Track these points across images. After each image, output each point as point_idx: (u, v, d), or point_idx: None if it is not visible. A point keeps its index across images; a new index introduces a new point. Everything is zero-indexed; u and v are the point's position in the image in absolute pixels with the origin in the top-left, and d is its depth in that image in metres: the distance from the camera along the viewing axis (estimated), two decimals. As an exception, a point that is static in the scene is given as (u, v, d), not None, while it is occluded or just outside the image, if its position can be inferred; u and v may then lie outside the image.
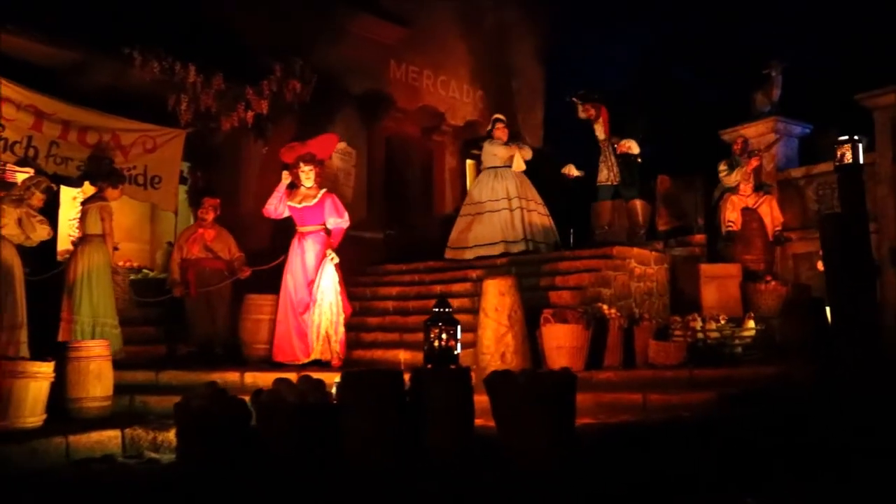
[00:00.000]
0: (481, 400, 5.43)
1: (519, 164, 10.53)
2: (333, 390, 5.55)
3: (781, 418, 6.40)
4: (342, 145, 10.97)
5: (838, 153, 8.16)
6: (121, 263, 10.14)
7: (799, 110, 11.38)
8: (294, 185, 8.20)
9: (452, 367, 5.45)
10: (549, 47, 13.99)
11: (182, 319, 8.71)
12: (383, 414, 5.16)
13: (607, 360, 7.72)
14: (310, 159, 8.09)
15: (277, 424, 5.26)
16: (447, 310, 5.47)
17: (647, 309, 9.08)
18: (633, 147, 10.44)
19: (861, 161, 8.03)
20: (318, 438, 5.21)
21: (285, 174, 8.19)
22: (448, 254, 10.51)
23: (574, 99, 10.78)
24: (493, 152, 10.69)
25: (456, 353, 5.45)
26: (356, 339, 8.70)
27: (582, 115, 10.77)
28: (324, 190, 8.18)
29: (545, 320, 7.45)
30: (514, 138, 10.95)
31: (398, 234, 11.60)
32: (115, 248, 9.61)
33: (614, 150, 10.68)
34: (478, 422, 5.60)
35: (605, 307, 7.88)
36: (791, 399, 6.93)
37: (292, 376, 5.69)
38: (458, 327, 5.51)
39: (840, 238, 7.27)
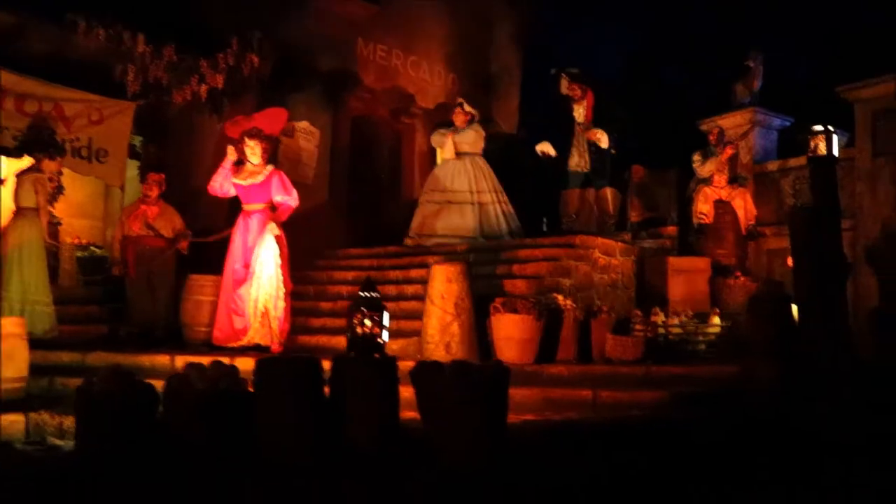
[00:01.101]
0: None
1: (447, 152, 10.27)
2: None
3: (739, 421, 6.07)
4: (304, 124, 10.59)
5: (812, 144, 7.81)
6: (68, 240, 9.79)
7: (781, 103, 11.02)
8: (241, 162, 7.81)
9: (377, 355, 5.07)
10: (528, 32, 13.53)
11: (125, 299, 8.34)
12: (298, 404, 4.79)
13: (561, 354, 7.34)
14: (255, 134, 7.69)
15: (184, 412, 4.89)
16: (373, 294, 5.08)
17: (611, 301, 8.70)
18: (602, 139, 9.96)
19: (836, 153, 7.69)
20: (230, 428, 4.84)
21: (230, 150, 7.79)
22: (409, 241, 10.16)
23: (563, 74, 10.27)
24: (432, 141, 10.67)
25: (381, 340, 5.06)
26: (305, 325, 8.36)
27: (566, 91, 10.27)
28: (271, 167, 7.79)
29: (494, 310, 7.06)
30: (480, 122, 10.58)
31: (363, 217, 11.20)
32: (57, 223, 9.27)
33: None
34: (411, 414, 5.23)
35: (560, 298, 7.49)
36: (750, 400, 6.60)
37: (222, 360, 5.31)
38: (386, 313, 5.12)
39: (810, 232, 6.94)
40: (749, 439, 5.46)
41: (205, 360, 5.60)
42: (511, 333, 6.98)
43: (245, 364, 5.89)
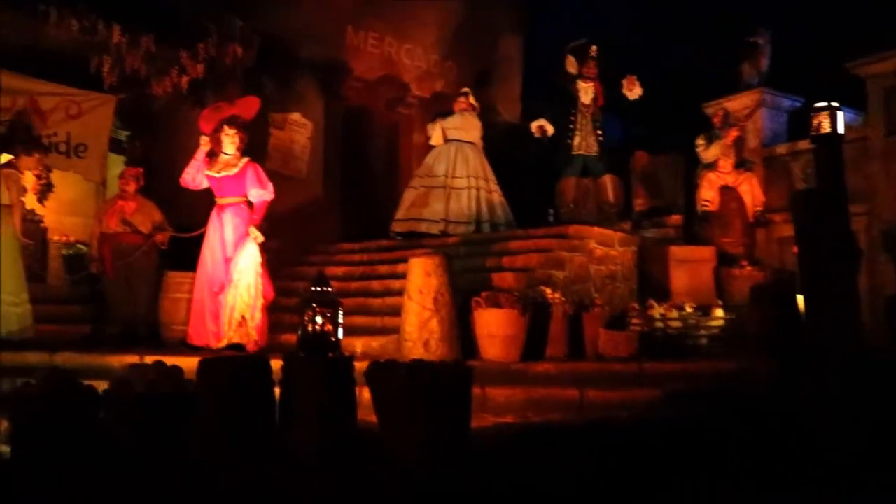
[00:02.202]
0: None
1: (435, 139, 10.15)
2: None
3: (733, 419, 5.67)
4: (296, 116, 10.29)
5: (815, 122, 7.37)
6: (56, 238, 9.63)
7: (791, 83, 10.48)
8: (215, 154, 7.51)
9: (331, 354, 4.74)
10: (528, 15, 13.08)
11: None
12: (239, 405, 4.48)
13: (550, 351, 6.93)
14: (234, 122, 7.39)
15: (121, 416, 4.61)
16: (325, 289, 4.75)
17: (610, 294, 8.30)
18: (636, 88, 9.61)
19: (840, 130, 7.25)
20: (169, 433, 4.55)
21: (204, 140, 7.48)
22: (391, 230, 9.90)
23: (570, 54, 9.87)
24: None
25: (334, 339, 4.73)
26: (293, 323, 8.01)
27: (571, 69, 9.85)
28: (246, 158, 7.47)
29: (476, 304, 6.68)
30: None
31: (358, 211, 10.88)
32: (39, 221, 9.09)
33: (594, 119, 9.83)
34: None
35: (548, 291, 7.08)
36: (748, 397, 6.19)
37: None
38: (340, 310, 4.80)
39: (813, 216, 6.48)
40: (744, 438, 5.07)
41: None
42: (494, 329, 6.60)
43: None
